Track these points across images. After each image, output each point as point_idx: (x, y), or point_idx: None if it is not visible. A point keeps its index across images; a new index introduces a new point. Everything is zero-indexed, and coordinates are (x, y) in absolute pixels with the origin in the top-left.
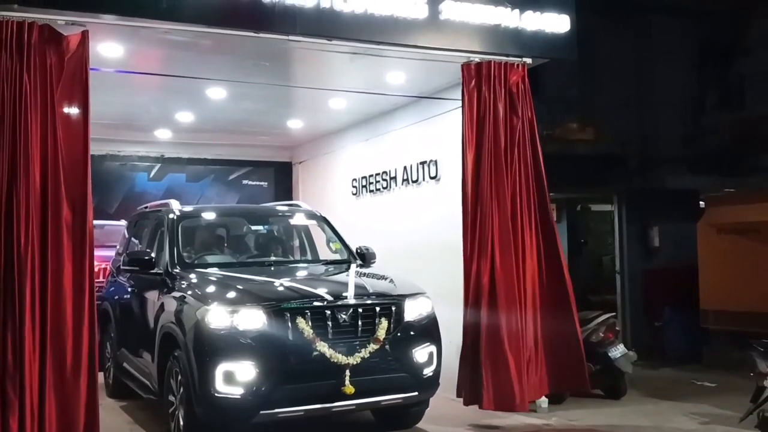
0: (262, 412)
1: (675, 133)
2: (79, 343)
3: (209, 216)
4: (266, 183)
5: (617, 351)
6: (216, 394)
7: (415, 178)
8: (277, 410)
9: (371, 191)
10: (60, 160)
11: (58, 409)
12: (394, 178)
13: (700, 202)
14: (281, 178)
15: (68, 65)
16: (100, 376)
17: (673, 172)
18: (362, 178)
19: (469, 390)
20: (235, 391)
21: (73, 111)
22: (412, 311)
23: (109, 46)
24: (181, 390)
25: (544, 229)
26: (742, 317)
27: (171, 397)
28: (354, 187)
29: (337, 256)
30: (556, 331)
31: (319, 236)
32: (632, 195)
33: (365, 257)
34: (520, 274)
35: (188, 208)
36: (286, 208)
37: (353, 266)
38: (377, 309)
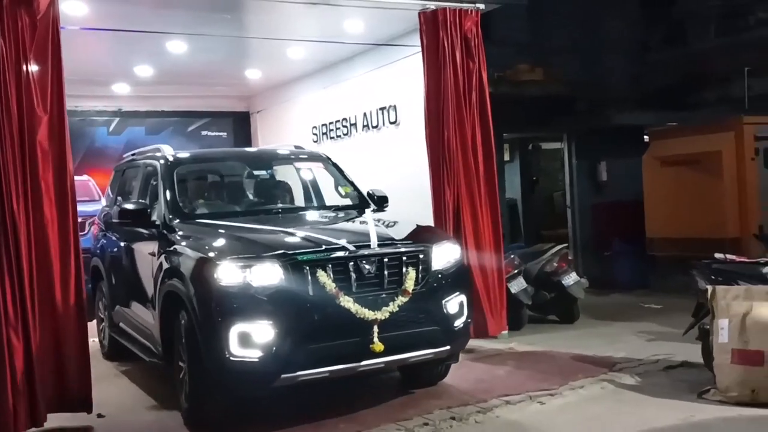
0: (283, 375)
1: (621, 71)
2: (66, 294)
3: (207, 161)
4: (225, 133)
5: (570, 279)
6: (231, 358)
7: (375, 124)
8: (299, 373)
9: (332, 138)
10: (36, 120)
11: (53, 353)
12: (354, 124)
13: (645, 137)
14: (240, 127)
15: (40, 25)
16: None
17: (619, 109)
18: (322, 125)
19: None
20: (253, 354)
21: (47, 70)
22: (441, 259)
23: (73, 5)
24: (190, 354)
25: (489, 169)
26: (686, 243)
27: (180, 362)
28: (314, 134)
29: (348, 201)
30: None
31: (324, 179)
32: (581, 133)
33: (379, 201)
34: (479, 214)
35: (183, 154)
36: (288, 150)
37: (369, 212)
38: (404, 258)
